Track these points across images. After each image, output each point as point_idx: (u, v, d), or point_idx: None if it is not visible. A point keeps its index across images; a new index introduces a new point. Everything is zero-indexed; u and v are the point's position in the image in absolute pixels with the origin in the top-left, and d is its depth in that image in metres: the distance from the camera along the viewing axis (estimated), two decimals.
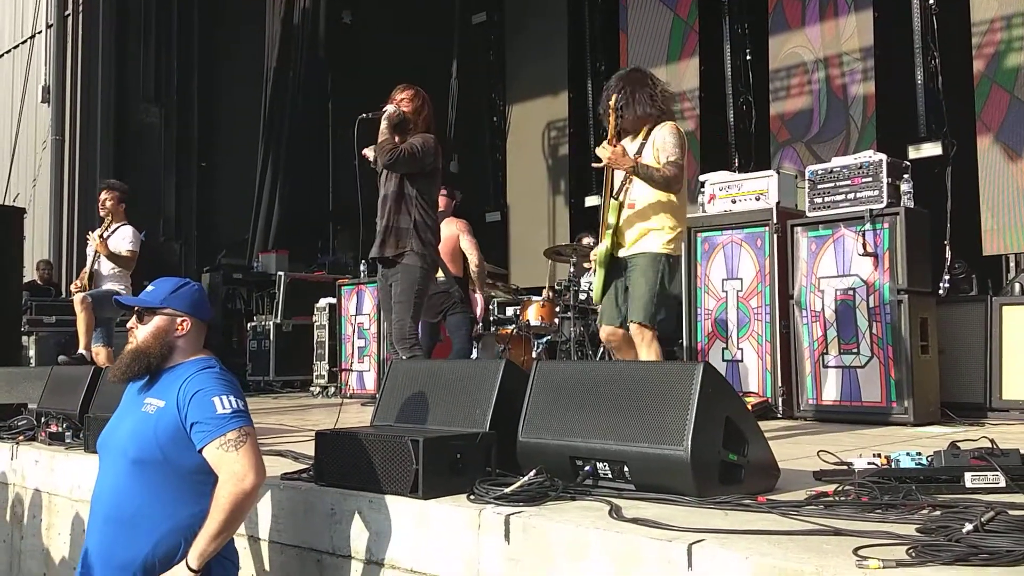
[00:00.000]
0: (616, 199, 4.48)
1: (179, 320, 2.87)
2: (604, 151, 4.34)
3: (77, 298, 6.82)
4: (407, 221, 4.81)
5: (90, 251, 7.08)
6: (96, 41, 12.29)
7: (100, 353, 6.86)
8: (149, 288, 2.96)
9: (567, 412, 2.92)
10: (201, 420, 2.68)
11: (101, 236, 6.96)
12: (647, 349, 4.32)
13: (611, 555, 2.27)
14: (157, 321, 2.86)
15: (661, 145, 4.41)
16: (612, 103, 4.44)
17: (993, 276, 7.83)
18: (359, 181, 5.01)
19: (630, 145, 4.50)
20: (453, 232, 6.71)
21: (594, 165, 4.50)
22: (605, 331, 4.59)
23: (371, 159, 4.98)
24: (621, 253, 4.48)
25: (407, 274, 4.77)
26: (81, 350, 6.83)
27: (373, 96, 5.25)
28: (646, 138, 4.49)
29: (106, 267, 6.98)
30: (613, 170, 4.47)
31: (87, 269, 6.99)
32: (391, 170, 4.83)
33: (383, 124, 4.83)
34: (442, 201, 7.04)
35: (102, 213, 7.17)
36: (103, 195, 7.20)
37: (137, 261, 7.09)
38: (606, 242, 4.49)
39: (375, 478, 2.89)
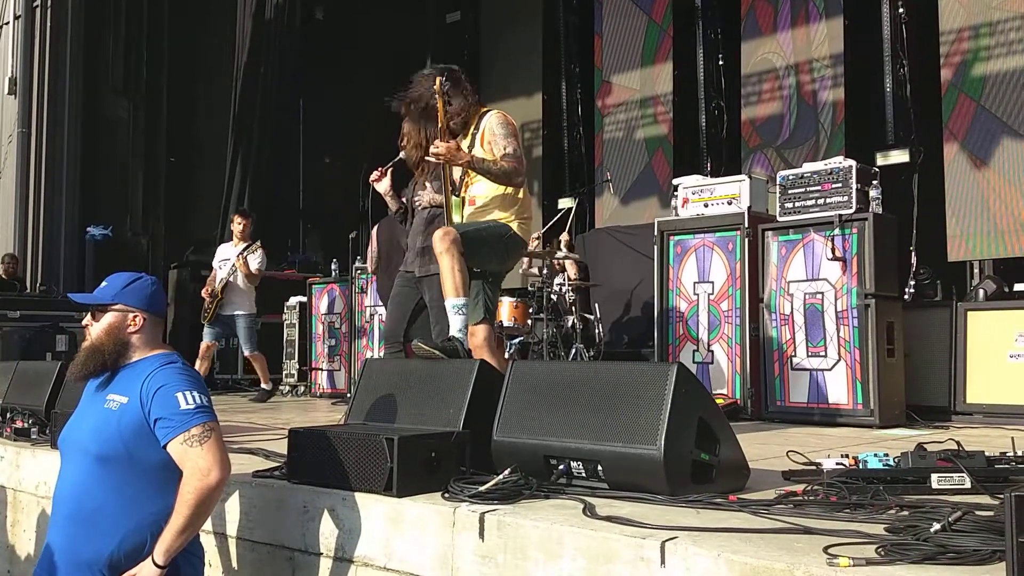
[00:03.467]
0: (457, 195, 4.34)
1: (131, 316, 2.85)
2: (437, 147, 4.13)
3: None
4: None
5: (218, 264, 8.31)
6: (65, 33, 12.11)
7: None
8: (103, 284, 2.93)
9: (542, 412, 2.93)
10: (165, 416, 2.67)
11: (242, 256, 8.12)
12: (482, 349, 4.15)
13: (585, 553, 2.29)
14: (109, 318, 2.84)
15: (491, 137, 4.25)
16: (438, 85, 4.25)
17: (957, 282, 7.96)
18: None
19: (462, 144, 4.35)
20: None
21: (428, 157, 4.24)
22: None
23: (392, 209, 5.08)
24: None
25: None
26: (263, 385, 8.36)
27: (345, 93, 5.26)
28: (476, 129, 4.35)
29: (241, 280, 8.17)
30: (450, 166, 4.28)
31: (222, 280, 8.15)
32: None
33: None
34: None
35: (238, 236, 8.36)
36: (241, 221, 8.40)
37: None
38: None
39: (348, 476, 2.88)
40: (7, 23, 12.61)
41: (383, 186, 5.03)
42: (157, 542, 2.62)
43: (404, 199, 5.14)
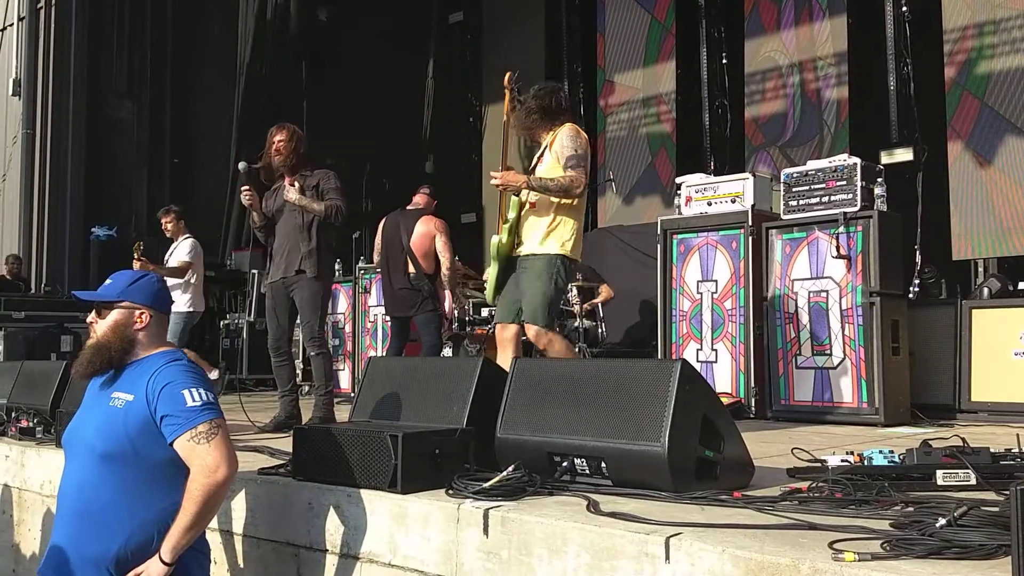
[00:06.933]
0: (517, 196, 4.52)
1: (137, 313, 2.84)
2: (495, 177, 4.44)
3: None
4: (311, 243, 5.20)
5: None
6: (69, 35, 12.13)
7: None
8: (108, 282, 2.92)
9: (545, 409, 2.93)
10: (171, 413, 2.66)
11: (139, 256, 7.57)
12: (552, 349, 4.39)
13: (589, 548, 2.29)
14: (115, 315, 2.83)
15: (559, 148, 4.47)
16: (506, 80, 4.59)
17: (962, 281, 7.95)
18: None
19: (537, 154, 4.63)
20: (429, 230, 6.72)
21: (493, 184, 4.54)
22: (497, 327, 4.65)
23: (293, 199, 5.25)
24: (520, 251, 4.54)
25: (309, 286, 5.14)
26: None
27: (347, 93, 5.36)
28: (549, 144, 4.57)
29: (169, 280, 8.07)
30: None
31: None
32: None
33: (294, 196, 5.21)
34: (422, 199, 7.06)
35: (168, 235, 8.08)
36: (163, 220, 8.10)
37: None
38: (502, 236, 4.55)
39: (353, 473, 2.89)
40: (11, 25, 12.64)
41: (252, 200, 5.31)
42: (164, 539, 2.62)
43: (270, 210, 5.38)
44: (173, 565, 2.61)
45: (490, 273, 4.71)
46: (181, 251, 7.82)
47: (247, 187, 5.28)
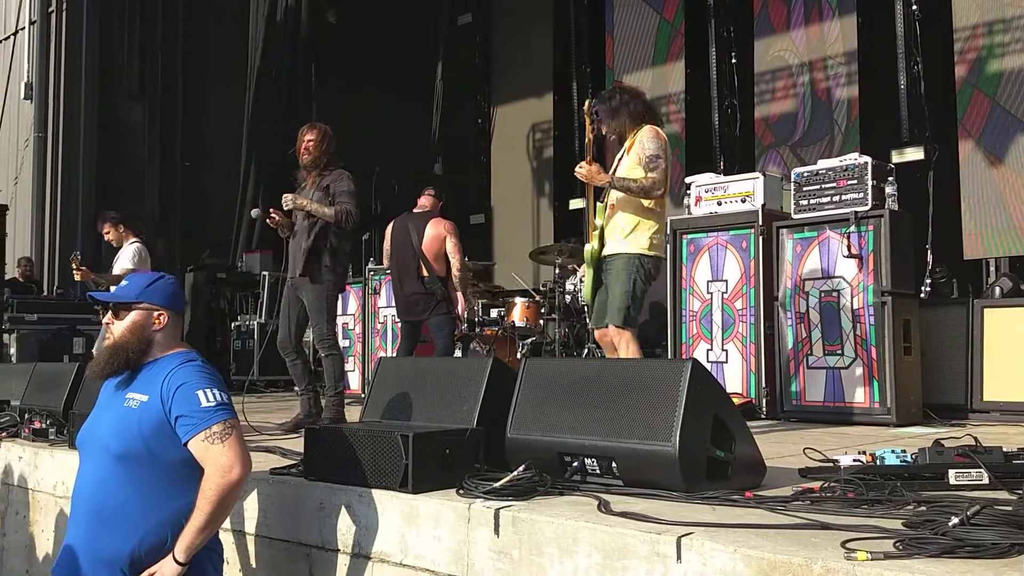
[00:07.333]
0: (601, 201, 4.71)
1: (156, 314, 2.86)
2: (581, 169, 4.65)
3: None
4: (322, 243, 5.29)
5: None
6: (80, 38, 12.20)
7: None
8: (123, 283, 2.94)
9: (556, 409, 2.93)
10: (186, 413, 2.68)
11: (78, 266, 7.42)
12: (625, 349, 4.52)
13: (600, 548, 2.28)
14: (134, 316, 2.85)
15: (640, 150, 4.62)
16: (586, 107, 4.88)
17: (973, 280, 7.92)
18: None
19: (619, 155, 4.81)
20: (440, 232, 6.71)
21: (577, 173, 4.74)
22: (596, 332, 4.86)
23: (300, 204, 5.36)
24: (604, 253, 4.69)
25: (318, 288, 5.25)
26: None
27: (357, 95, 5.41)
28: (631, 144, 4.71)
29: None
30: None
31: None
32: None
33: (301, 202, 5.32)
34: (428, 201, 7.05)
35: (114, 244, 7.65)
36: (101, 230, 7.68)
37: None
38: (594, 243, 4.71)
39: (364, 473, 2.90)
40: (23, 28, 12.72)
41: (280, 222, 5.41)
42: (178, 539, 2.63)
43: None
44: (187, 565, 2.62)
45: (586, 277, 4.90)
46: (124, 258, 7.49)
47: (272, 216, 5.40)
